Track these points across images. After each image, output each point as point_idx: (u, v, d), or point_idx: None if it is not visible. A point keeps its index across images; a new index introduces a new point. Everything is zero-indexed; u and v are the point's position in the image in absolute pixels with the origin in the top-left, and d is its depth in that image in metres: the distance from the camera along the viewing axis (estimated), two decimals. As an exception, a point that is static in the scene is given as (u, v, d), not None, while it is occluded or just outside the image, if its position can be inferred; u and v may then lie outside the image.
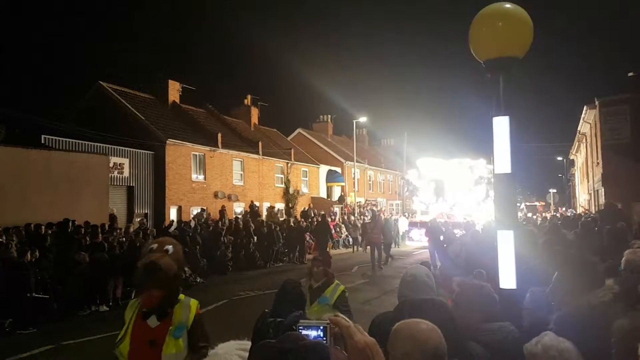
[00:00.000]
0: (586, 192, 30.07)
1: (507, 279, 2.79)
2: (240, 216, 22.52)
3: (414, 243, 24.22)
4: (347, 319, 1.58)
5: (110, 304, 11.37)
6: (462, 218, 20.11)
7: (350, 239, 26.37)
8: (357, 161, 35.45)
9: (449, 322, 2.23)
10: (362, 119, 36.76)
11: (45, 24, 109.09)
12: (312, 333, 1.38)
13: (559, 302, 2.53)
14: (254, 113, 34.53)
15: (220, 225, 18.67)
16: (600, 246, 6.30)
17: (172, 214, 21.96)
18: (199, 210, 21.97)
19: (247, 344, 2.39)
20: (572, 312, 2.15)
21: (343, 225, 27.32)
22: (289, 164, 31.66)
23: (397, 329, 1.85)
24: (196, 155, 24.22)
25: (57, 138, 18.06)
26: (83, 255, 11.25)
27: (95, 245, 11.88)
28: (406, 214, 31.92)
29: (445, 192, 25.64)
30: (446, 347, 1.78)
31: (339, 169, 37.32)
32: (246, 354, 2.28)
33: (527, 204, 44.42)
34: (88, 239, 12.29)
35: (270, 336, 2.50)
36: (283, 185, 30.91)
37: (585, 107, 23.05)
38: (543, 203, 49.19)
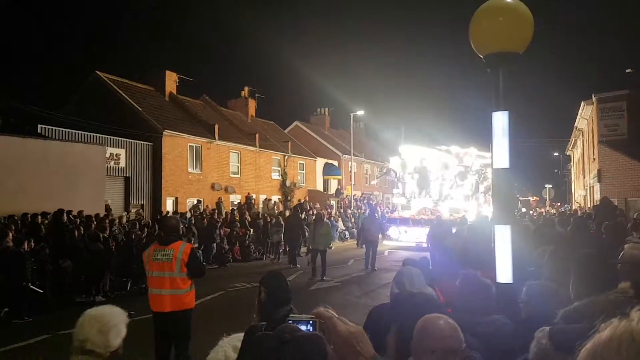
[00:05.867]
0: (582, 188, 30.16)
1: (504, 274, 2.81)
2: (235, 208, 22.47)
3: (392, 242, 21.01)
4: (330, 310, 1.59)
5: (109, 294, 11.38)
6: (447, 215, 18.30)
7: (347, 233, 26.36)
8: (354, 154, 35.41)
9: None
10: (359, 112, 36.64)
11: (42, 13, 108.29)
12: (302, 327, 1.39)
13: (572, 299, 2.55)
14: (251, 105, 34.44)
15: (215, 217, 18.67)
16: (595, 241, 6.32)
17: (169, 205, 21.95)
18: (195, 202, 21.95)
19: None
20: (579, 309, 2.17)
21: (340, 219, 27.30)
22: (286, 157, 31.62)
23: (423, 325, 1.90)
24: (193, 146, 24.16)
25: (54, 128, 17.98)
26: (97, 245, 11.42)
27: (91, 236, 11.86)
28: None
29: (430, 184, 22.41)
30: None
31: (335, 162, 37.30)
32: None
33: (521, 198, 44.27)
34: (82, 229, 12.27)
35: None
36: (280, 178, 30.89)
37: (582, 103, 23.07)
38: (537, 198, 49.27)
